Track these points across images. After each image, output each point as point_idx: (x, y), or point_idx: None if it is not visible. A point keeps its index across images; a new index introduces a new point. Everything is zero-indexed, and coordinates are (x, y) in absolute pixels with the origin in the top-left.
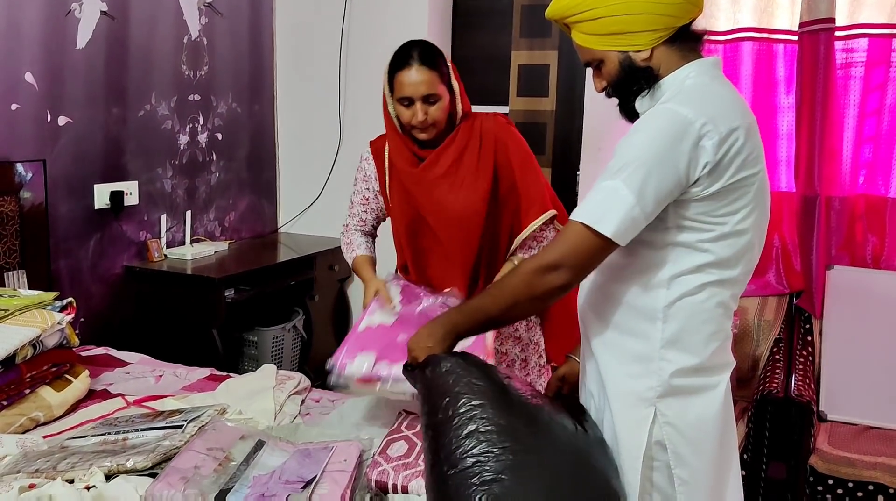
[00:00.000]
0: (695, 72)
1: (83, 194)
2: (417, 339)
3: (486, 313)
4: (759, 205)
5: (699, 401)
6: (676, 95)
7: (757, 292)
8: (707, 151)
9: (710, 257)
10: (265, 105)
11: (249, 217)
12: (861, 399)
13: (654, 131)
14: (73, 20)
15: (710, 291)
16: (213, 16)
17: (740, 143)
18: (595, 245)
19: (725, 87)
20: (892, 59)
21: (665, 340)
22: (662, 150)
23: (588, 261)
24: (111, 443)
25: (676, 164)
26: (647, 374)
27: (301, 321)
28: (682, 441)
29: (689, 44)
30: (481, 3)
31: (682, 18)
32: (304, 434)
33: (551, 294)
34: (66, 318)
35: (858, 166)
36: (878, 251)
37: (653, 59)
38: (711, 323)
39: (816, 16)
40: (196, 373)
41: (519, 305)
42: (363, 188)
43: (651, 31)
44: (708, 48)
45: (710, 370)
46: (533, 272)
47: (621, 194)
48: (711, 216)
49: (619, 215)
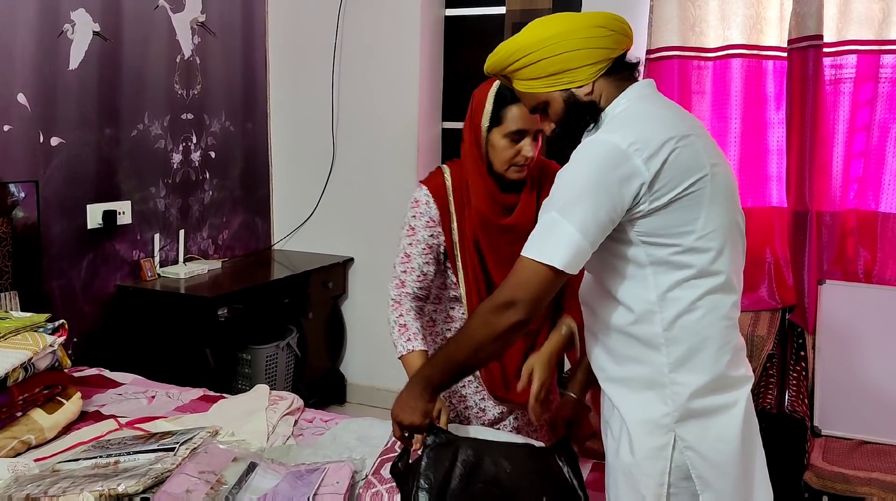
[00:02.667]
0: (626, 98)
1: (76, 213)
2: (399, 403)
3: (453, 360)
4: (720, 206)
5: (718, 421)
6: (605, 126)
7: (749, 307)
8: (640, 170)
9: (691, 270)
10: (258, 123)
11: (243, 235)
12: (855, 414)
13: (586, 162)
14: (65, 41)
15: (705, 304)
16: (205, 35)
17: (675, 153)
18: (546, 277)
19: (657, 104)
20: (880, 75)
21: (672, 363)
22: (596, 179)
23: (541, 293)
24: (102, 467)
25: (610, 190)
26: (662, 400)
27: (295, 338)
28: (705, 464)
29: (624, 73)
30: (472, 20)
31: (616, 50)
32: (296, 456)
33: (510, 331)
34: (57, 340)
35: (849, 181)
36: (870, 266)
37: (594, 93)
38: (717, 337)
39: (805, 32)
40: (189, 394)
41: (483, 347)
42: (426, 236)
43: (589, 66)
44: (698, 65)
45: (726, 386)
46: (489, 312)
47: (563, 226)
48: (672, 229)
49: (564, 247)
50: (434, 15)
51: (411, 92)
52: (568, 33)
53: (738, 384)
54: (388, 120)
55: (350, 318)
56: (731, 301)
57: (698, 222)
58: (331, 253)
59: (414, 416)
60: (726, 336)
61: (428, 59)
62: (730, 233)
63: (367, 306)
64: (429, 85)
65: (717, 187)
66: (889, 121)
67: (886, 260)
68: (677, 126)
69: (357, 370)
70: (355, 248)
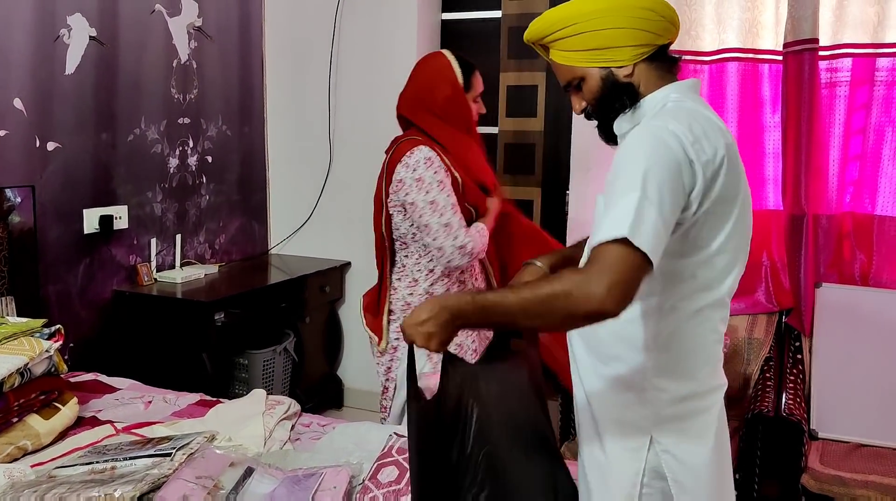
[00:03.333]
0: (675, 93)
1: (72, 218)
2: (414, 318)
3: (506, 311)
4: (741, 226)
5: (694, 426)
6: (662, 115)
7: (747, 310)
8: (697, 172)
9: (697, 283)
10: (255, 127)
11: (240, 239)
12: (852, 417)
13: (650, 147)
14: (61, 46)
15: (699, 318)
16: (202, 39)
17: (724, 164)
18: (635, 264)
19: (706, 109)
20: (876, 79)
21: (657, 369)
22: (666, 162)
23: (631, 280)
24: (99, 472)
25: (681, 175)
26: (641, 403)
27: (292, 343)
28: (681, 467)
29: (667, 65)
30: (469, 25)
31: (663, 37)
32: (293, 461)
33: (588, 318)
34: (53, 345)
35: (845, 184)
36: (866, 269)
37: (634, 76)
38: (703, 350)
39: (800, 36)
40: (186, 399)
41: (549, 317)
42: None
43: (633, 47)
44: (694, 69)
45: (702, 394)
46: (578, 286)
47: (646, 208)
48: (697, 240)
49: (649, 229)
50: (431, 19)
51: None
52: (617, 10)
53: (714, 391)
54: (385, 124)
55: (347, 322)
56: (721, 316)
57: (719, 238)
58: (328, 257)
59: (429, 342)
60: (711, 349)
61: None
62: (739, 253)
63: None
64: None
65: (745, 208)
66: (885, 124)
67: (883, 263)
68: (726, 137)
69: (354, 375)
70: (352, 252)
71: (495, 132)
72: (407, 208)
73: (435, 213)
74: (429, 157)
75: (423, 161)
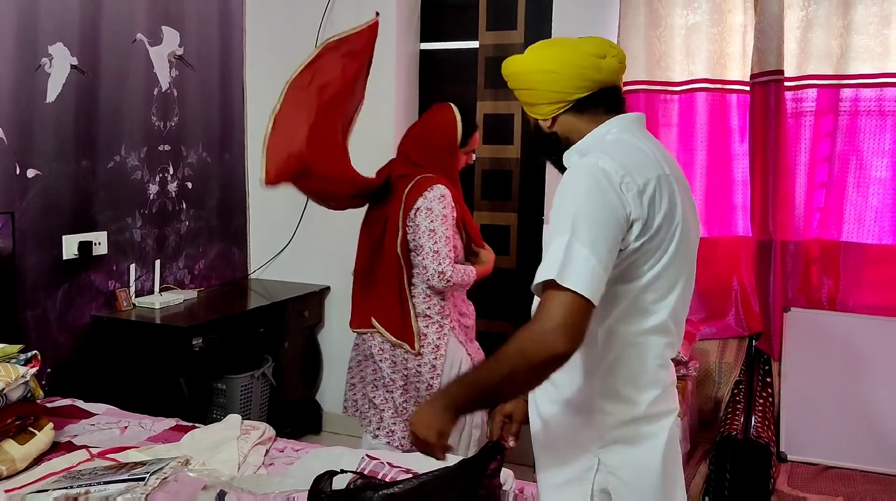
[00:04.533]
0: (616, 127)
1: (52, 244)
2: (419, 415)
3: (483, 384)
4: (680, 255)
5: (641, 450)
6: (596, 150)
7: (717, 334)
8: (630, 202)
9: (635, 308)
10: (236, 154)
11: (219, 264)
12: (820, 439)
13: (582, 184)
14: (42, 75)
15: (641, 343)
16: (183, 68)
17: (657, 194)
18: (574, 305)
19: (643, 141)
20: (840, 108)
21: (602, 392)
22: (596, 200)
23: (575, 320)
24: (73, 497)
25: (611, 210)
26: (588, 425)
27: (270, 368)
28: (626, 489)
29: (601, 108)
30: (447, 55)
31: (575, 94)
32: (266, 485)
33: (547, 363)
34: (30, 371)
35: (811, 211)
36: (833, 294)
37: (556, 127)
38: (647, 374)
39: (766, 67)
40: (162, 424)
41: (516, 376)
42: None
43: (547, 104)
44: (664, 99)
45: (650, 418)
46: (526, 340)
47: (575, 248)
48: (633, 267)
49: (581, 269)
50: (409, 49)
51: (387, 124)
52: (526, 74)
53: (663, 417)
54: (363, 151)
55: (326, 347)
56: (665, 342)
57: (657, 265)
58: (307, 282)
59: (429, 433)
60: (656, 374)
61: (404, 93)
62: (679, 280)
63: (344, 335)
64: (404, 117)
65: (684, 237)
66: (849, 153)
67: (849, 288)
68: (659, 168)
69: (333, 400)
70: (331, 277)
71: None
72: (411, 230)
73: (430, 239)
74: (443, 194)
75: (438, 197)
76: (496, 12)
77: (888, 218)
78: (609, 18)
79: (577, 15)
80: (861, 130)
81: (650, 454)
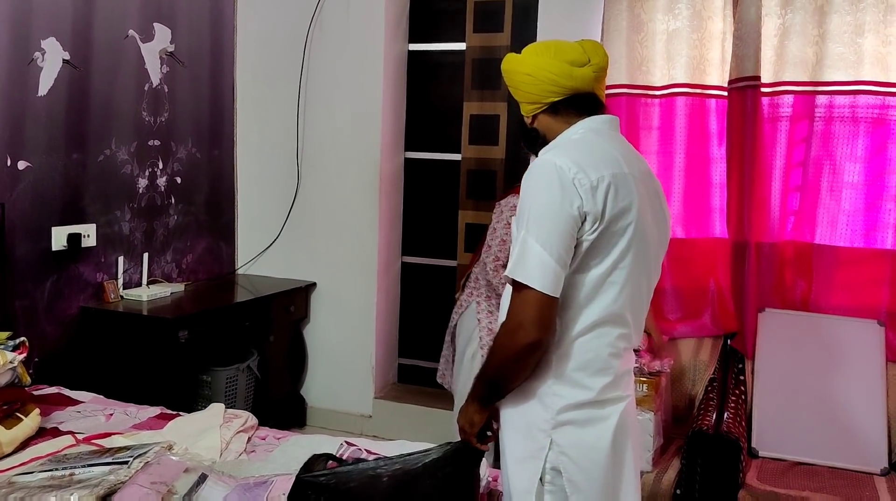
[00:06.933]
0: (583, 128)
1: (41, 236)
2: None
3: (485, 377)
4: (635, 252)
5: (591, 432)
6: (556, 148)
7: (693, 333)
8: (582, 197)
9: (590, 297)
10: (225, 150)
11: (207, 259)
12: (790, 436)
13: (538, 182)
14: (35, 69)
15: (595, 332)
16: (174, 64)
17: (610, 190)
18: (534, 298)
19: (608, 141)
20: (815, 114)
21: (556, 376)
22: (549, 196)
23: (537, 313)
24: (58, 479)
25: (563, 205)
26: (542, 407)
27: (256, 361)
28: (576, 469)
29: (574, 110)
30: (435, 56)
31: (548, 97)
32: (246, 469)
33: (524, 352)
34: (17, 357)
35: (786, 214)
36: (806, 295)
37: (536, 124)
38: (598, 362)
39: (744, 73)
40: (146, 412)
41: (504, 367)
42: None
43: (528, 104)
44: (645, 102)
45: (600, 403)
46: (503, 336)
47: (529, 244)
48: (590, 259)
49: (534, 265)
50: (398, 49)
51: (374, 123)
52: (511, 73)
53: (614, 402)
54: (352, 149)
55: (312, 342)
56: (619, 333)
57: (611, 256)
58: (294, 278)
59: (463, 420)
60: (608, 362)
61: (391, 92)
62: (634, 275)
63: (329, 330)
64: (392, 116)
65: (638, 232)
66: (823, 157)
67: (822, 289)
68: (616, 166)
69: (318, 394)
70: (318, 273)
71: (458, 159)
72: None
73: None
74: (515, 205)
75: (510, 206)
76: (483, 15)
77: (860, 221)
78: (593, 22)
79: (561, 19)
80: (835, 135)
81: (599, 436)
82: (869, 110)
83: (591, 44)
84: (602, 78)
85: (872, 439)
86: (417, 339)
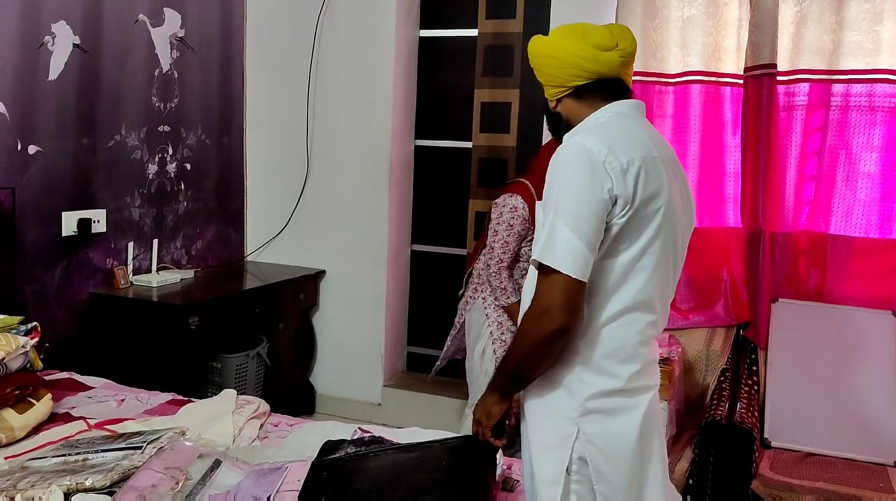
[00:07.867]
0: (610, 112)
1: (51, 221)
2: (478, 407)
3: (508, 367)
4: (664, 234)
5: (618, 421)
6: (584, 131)
7: (706, 323)
8: (613, 180)
9: (618, 284)
10: (234, 137)
11: (216, 246)
12: (803, 427)
13: (567, 164)
14: (45, 53)
15: (624, 319)
16: (184, 50)
17: (640, 174)
18: (560, 281)
19: (635, 124)
20: (831, 103)
21: (583, 364)
22: (579, 178)
23: (566, 297)
24: (71, 463)
25: (594, 188)
26: (569, 395)
27: (265, 348)
28: (602, 458)
29: (600, 94)
30: (446, 42)
31: (572, 81)
32: (260, 455)
33: (550, 339)
34: (30, 342)
35: (801, 204)
36: (820, 285)
37: (559, 108)
38: (626, 350)
39: (760, 61)
40: (158, 398)
41: (529, 355)
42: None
43: (551, 87)
44: (659, 90)
45: (628, 392)
46: (528, 321)
47: (557, 227)
48: (620, 243)
49: (563, 249)
50: (409, 36)
51: (385, 110)
52: (536, 56)
53: (642, 392)
54: (361, 137)
55: (321, 329)
56: (648, 320)
57: (640, 240)
58: (303, 265)
59: (480, 412)
60: (636, 350)
61: (402, 79)
62: (663, 261)
63: (338, 318)
64: (402, 103)
65: (668, 216)
66: (839, 147)
67: (836, 280)
68: (645, 150)
69: (327, 382)
70: (327, 261)
71: (469, 147)
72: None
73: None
74: (515, 206)
75: (509, 207)
76: (496, 1)
77: (875, 212)
78: (607, 8)
79: (575, 5)
80: (851, 124)
81: (627, 426)
82: (886, 99)
83: (619, 28)
84: (630, 63)
85: (886, 430)
86: (427, 327)
